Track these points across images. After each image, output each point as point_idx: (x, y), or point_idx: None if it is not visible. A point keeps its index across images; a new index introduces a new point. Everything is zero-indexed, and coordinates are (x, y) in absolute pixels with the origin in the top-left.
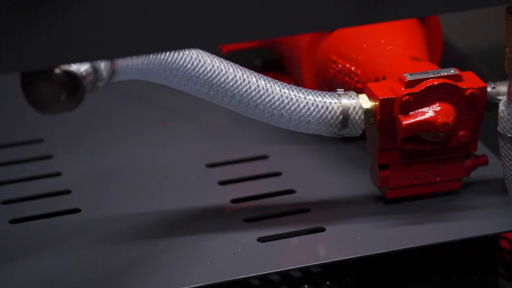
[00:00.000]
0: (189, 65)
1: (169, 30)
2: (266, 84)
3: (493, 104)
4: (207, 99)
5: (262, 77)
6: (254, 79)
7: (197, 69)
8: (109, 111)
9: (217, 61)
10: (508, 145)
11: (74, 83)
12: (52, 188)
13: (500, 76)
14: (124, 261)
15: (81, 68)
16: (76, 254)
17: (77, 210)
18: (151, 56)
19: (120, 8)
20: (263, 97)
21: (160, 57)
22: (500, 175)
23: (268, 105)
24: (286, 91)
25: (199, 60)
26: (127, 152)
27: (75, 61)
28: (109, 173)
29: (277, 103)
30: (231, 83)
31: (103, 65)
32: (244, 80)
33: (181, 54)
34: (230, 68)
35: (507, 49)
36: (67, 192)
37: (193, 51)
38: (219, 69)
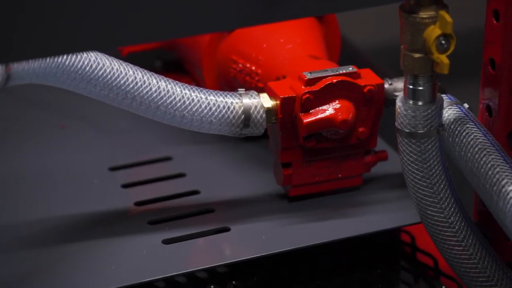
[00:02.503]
0: (87, 68)
1: (67, 32)
2: (167, 85)
3: (390, 100)
4: (107, 101)
5: (163, 78)
6: (154, 80)
7: (96, 71)
8: (5, 116)
9: (116, 63)
10: (406, 140)
11: None
12: None
13: (397, 72)
14: (25, 268)
15: None
16: None
17: None
18: (48, 59)
19: (15, 9)
20: (164, 98)
21: (58, 60)
22: (400, 170)
23: (169, 106)
24: (187, 92)
25: (98, 62)
26: (27, 157)
27: None
28: (8, 178)
29: (179, 104)
30: (131, 85)
31: None
32: (144, 82)
33: (79, 56)
34: (130, 70)
35: (402, 46)
36: None
37: (92, 54)
38: (119, 72)
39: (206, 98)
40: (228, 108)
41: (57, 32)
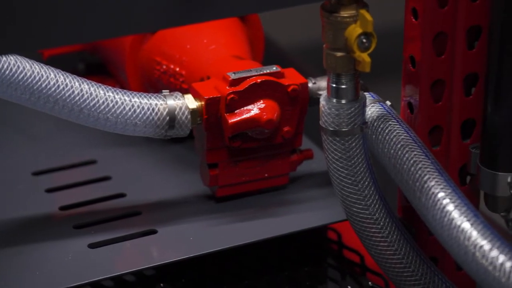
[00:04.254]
0: (7, 72)
1: None
2: (90, 88)
3: (314, 99)
4: (29, 105)
5: (86, 81)
6: (77, 83)
7: (16, 75)
8: None
9: (37, 66)
10: (330, 138)
11: None
12: None
13: (320, 71)
14: None
15: None
16: None
17: None
18: None
19: None
20: (87, 101)
21: None
22: (325, 168)
23: (92, 109)
24: (111, 94)
25: (18, 66)
26: None
27: None
28: None
29: (102, 106)
30: (53, 89)
31: None
32: (66, 85)
33: None
34: (52, 73)
35: (324, 45)
36: None
37: (11, 57)
38: (40, 75)
39: (130, 100)
40: (153, 110)
41: None
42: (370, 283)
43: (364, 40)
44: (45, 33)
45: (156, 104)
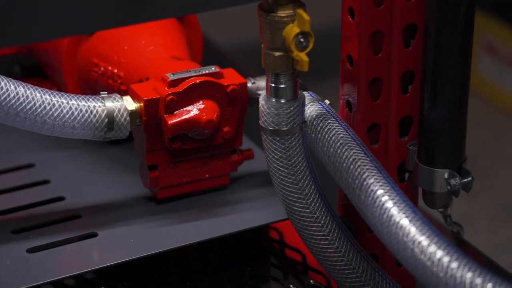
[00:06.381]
0: None
1: None
2: (26, 91)
3: (254, 99)
4: None
5: (21, 84)
6: (12, 86)
7: None
8: None
9: None
10: (270, 138)
11: None
12: None
13: (259, 71)
14: None
15: None
16: None
17: None
18: None
19: None
20: (24, 104)
21: None
22: (265, 168)
23: (29, 112)
24: (48, 97)
25: None
26: None
27: None
28: None
29: (39, 109)
30: None
31: None
32: (1, 88)
33: None
34: None
35: (263, 45)
36: None
37: None
38: None
39: (68, 103)
40: (91, 112)
41: None
42: (312, 281)
43: (302, 40)
44: None
45: (94, 106)
